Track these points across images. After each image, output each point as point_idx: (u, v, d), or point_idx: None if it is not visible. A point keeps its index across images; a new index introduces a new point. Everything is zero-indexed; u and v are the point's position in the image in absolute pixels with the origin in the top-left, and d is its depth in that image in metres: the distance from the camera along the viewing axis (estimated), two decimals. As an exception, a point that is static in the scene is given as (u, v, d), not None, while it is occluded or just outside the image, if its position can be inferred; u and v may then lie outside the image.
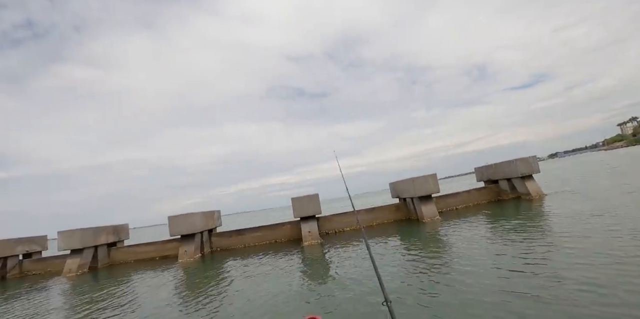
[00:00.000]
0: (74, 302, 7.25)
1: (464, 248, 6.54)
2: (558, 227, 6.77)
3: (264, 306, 4.83)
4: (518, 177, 13.04)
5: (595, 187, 12.03)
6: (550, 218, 8.00)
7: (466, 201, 13.79)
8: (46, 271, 13.52)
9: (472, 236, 7.56)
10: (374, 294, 4.51)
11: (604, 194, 9.91)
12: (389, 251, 7.51)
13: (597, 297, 3.28)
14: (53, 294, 8.60)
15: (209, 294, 6.16)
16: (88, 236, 12.27)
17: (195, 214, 11.62)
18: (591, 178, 15.58)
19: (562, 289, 3.62)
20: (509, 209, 11.09)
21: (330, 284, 5.54)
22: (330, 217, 13.07)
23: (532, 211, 9.76)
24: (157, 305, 5.94)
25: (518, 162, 12.78)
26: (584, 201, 9.23)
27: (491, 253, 5.74)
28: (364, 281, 5.32)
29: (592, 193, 10.48)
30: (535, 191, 12.57)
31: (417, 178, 11.73)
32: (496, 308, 3.46)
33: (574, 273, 4.04)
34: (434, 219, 11.31)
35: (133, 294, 7.18)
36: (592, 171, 19.91)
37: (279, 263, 8.32)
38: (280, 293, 5.44)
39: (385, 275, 5.36)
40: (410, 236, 9.27)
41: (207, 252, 12.44)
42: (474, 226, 8.90)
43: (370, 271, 6.01)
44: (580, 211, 8.00)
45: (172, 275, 8.80)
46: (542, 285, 3.81)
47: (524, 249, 5.56)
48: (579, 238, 5.59)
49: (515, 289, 3.83)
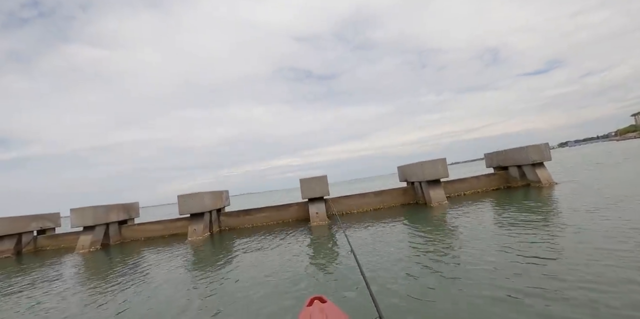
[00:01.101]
0: (89, 276, 7.52)
1: (471, 233, 6.50)
2: (567, 217, 6.58)
3: (270, 284, 4.89)
4: (529, 165, 12.88)
5: (607, 178, 11.84)
6: (560, 207, 7.85)
7: (475, 186, 13.72)
8: (60, 247, 13.92)
9: (480, 221, 7.52)
10: (378, 276, 4.49)
11: (615, 186, 9.72)
12: (395, 235, 7.54)
13: (598, 294, 3.12)
14: (67, 269, 8.87)
15: (218, 271, 6.28)
16: (100, 214, 12.53)
17: (204, 194, 11.75)
18: (602, 169, 15.32)
19: (563, 282, 3.52)
20: (518, 196, 10.99)
21: (336, 264, 5.59)
22: (338, 199, 13.14)
23: (541, 199, 9.64)
24: (167, 280, 6.08)
25: (529, 149, 12.59)
26: (595, 192, 9.05)
27: (497, 240, 5.62)
28: (369, 263, 5.31)
29: (604, 184, 10.27)
30: (545, 179, 12.42)
31: (427, 162, 11.65)
32: (497, 298, 3.45)
33: (575, 265, 3.96)
34: (441, 204, 11.30)
35: (145, 270, 7.36)
36: (604, 162, 19.58)
37: (286, 242, 8.43)
38: (286, 271, 5.50)
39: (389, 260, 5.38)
40: (417, 219, 9.28)
41: (215, 231, 12.65)
42: (481, 211, 8.86)
43: (377, 252, 6.08)
44: (591, 202, 7.81)
45: (181, 252, 8.98)
46: (546, 276, 3.70)
47: (530, 237, 5.43)
48: (587, 229, 5.41)
49: (520, 278, 3.74)
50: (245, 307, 4.06)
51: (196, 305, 4.40)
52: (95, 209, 12.39)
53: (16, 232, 13.77)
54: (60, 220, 16.15)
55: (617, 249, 4.17)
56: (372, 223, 9.52)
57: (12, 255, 13.30)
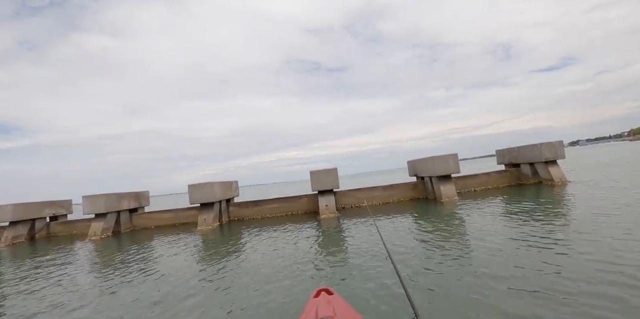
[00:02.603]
0: (102, 263, 7.64)
1: (481, 229, 6.43)
2: (579, 217, 6.42)
3: (279, 275, 4.89)
4: (541, 162, 12.70)
5: (621, 179, 11.59)
6: (573, 206, 7.67)
7: (485, 183, 13.59)
8: (72, 233, 14.17)
9: (491, 217, 7.44)
10: (383, 270, 4.49)
11: (630, 187, 9.50)
12: (406, 230, 7.49)
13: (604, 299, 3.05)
14: (81, 255, 9.04)
15: (227, 260, 6.34)
16: (112, 201, 12.69)
17: (214, 184, 11.81)
18: (616, 169, 15.04)
19: (567, 281, 3.53)
20: (529, 194, 10.84)
21: (344, 256, 5.58)
22: (348, 192, 13.13)
23: (554, 197, 9.47)
24: (178, 267, 6.17)
25: (543, 146, 12.40)
26: (608, 192, 8.86)
27: (507, 238, 5.51)
28: (377, 256, 5.32)
29: (618, 185, 10.06)
30: (558, 177, 12.25)
31: (438, 157, 11.54)
32: (504, 295, 3.43)
33: (583, 267, 3.90)
34: (452, 200, 11.22)
35: (156, 257, 7.47)
36: (618, 162, 19.22)
37: (296, 233, 8.45)
38: (295, 263, 5.50)
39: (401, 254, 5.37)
40: (428, 214, 9.22)
41: (225, 221, 12.75)
42: (492, 208, 8.75)
43: (382, 246, 6.06)
44: (605, 201, 7.69)
45: (191, 241, 9.07)
46: (554, 276, 3.70)
47: (541, 236, 5.32)
48: (599, 230, 5.27)
49: (528, 278, 3.66)
50: (252, 297, 4.09)
51: (205, 293, 4.45)
52: (107, 196, 12.56)
53: (30, 218, 14.02)
54: (72, 207, 16.41)
55: (623, 250, 4.14)
56: (382, 216, 9.49)
57: (25, 240, 13.59)
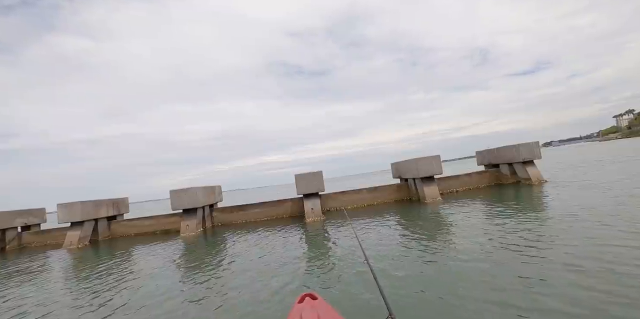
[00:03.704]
0: (78, 274, 7.28)
1: (465, 227, 6.64)
2: (555, 213, 6.74)
3: (263, 281, 4.83)
4: (520, 162, 13.10)
5: (592, 178, 12.10)
6: (549, 204, 8.02)
7: (467, 183, 13.90)
8: (46, 243, 13.53)
9: (473, 216, 7.66)
10: (366, 273, 4.44)
11: (602, 184, 9.90)
12: (389, 232, 7.54)
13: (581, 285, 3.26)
14: (54, 265, 8.63)
15: (210, 267, 6.19)
16: (89, 209, 12.24)
17: (197, 189, 11.58)
18: (587, 168, 15.69)
19: (549, 272, 3.68)
20: (508, 193, 11.19)
21: (329, 260, 5.56)
22: (333, 195, 13.14)
23: (531, 196, 9.83)
24: (159, 276, 5.99)
25: (520, 147, 12.80)
26: (581, 190, 9.24)
27: (489, 235, 5.71)
28: (361, 258, 5.26)
29: (589, 183, 10.49)
30: (535, 176, 12.66)
31: (421, 159, 11.73)
32: (484, 289, 3.50)
33: (561, 257, 4.07)
34: (435, 200, 11.40)
35: (136, 266, 7.22)
36: (589, 162, 20.07)
37: (281, 238, 8.37)
38: (279, 267, 5.45)
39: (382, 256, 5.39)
40: (412, 215, 9.36)
41: (208, 227, 12.50)
42: (474, 208, 8.98)
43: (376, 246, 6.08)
44: (580, 199, 8.03)
45: (174, 248, 8.84)
46: (532, 269, 3.83)
47: (520, 232, 5.54)
48: (574, 225, 5.54)
49: (506, 272, 3.83)
50: (236, 305, 4.00)
51: (186, 302, 4.32)
52: (83, 204, 12.09)
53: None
54: (46, 216, 15.69)
55: (600, 244, 4.34)
56: (368, 218, 9.53)
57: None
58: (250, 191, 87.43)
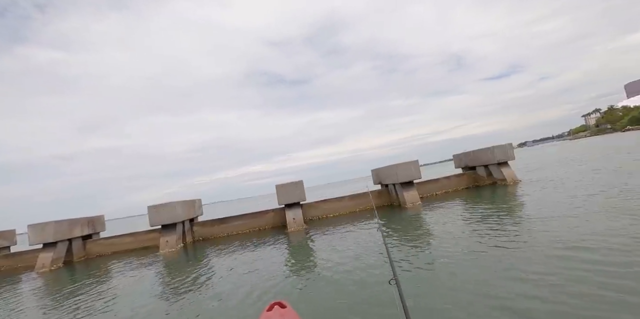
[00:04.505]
0: (51, 299, 6.93)
1: (445, 230, 6.81)
2: (531, 211, 7.08)
3: (241, 291, 4.84)
4: (495, 164, 13.49)
5: (563, 176, 12.59)
6: (524, 202, 8.37)
7: (446, 186, 14.17)
8: (17, 267, 12.87)
9: (450, 219, 7.85)
10: (349, 282, 4.49)
11: (571, 181, 10.38)
12: (373, 237, 7.62)
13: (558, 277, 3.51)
14: (27, 291, 8.19)
15: (192, 284, 6.06)
16: (62, 229, 11.75)
17: (176, 203, 11.33)
18: (559, 167, 16.31)
19: (528, 267, 3.92)
20: (485, 194, 11.49)
21: (307, 269, 5.56)
22: (315, 204, 13.12)
23: (507, 195, 10.15)
24: (138, 297, 5.79)
25: (495, 149, 13.20)
26: (554, 187, 9.64)
27: (468, 235, 6.00)
28: (343, 268, 5.28)
29: (561, 181, 10.94)
30: (510, 176, 13.06)
31: (400, 164, 11.90)
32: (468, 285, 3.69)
33: (534, 255, 4.32)
34: (415, 205, 11.56)
35: (113, 287, 6.97)
36: (560, 160, 20.86)
37: (263, 250, 8.28)
38: (258, 279, 5.40)
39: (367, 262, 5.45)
40: (393, 220, 9.44)
41: (189, 241, 12.22)
42: (452, 210, 9.18)
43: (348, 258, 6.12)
44: (551, 196, 8.40)
45: (153, 266, 8.59)
46: (512, 265, 4.09)
47: (498, 231, 5.84)
48: (549, 221, 5.89)
49: (489, 269, 4.09)
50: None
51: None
52: (56, 224, 11.61)
53: (-35, 253, 12.62)
54: (16, 237, 14.97)
55: (570, 239, 4.55)
56: (350, 226, 9.56)
57: (-40, 278, 12.16)
58: (233, 203, 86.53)
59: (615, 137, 52.19)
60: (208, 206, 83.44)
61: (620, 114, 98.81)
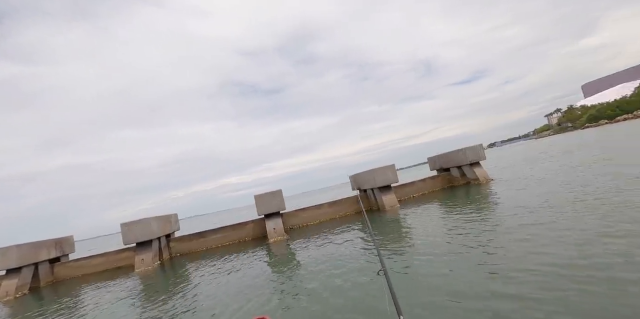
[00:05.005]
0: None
1: (423, 230, 7.06)
2: (502, 208, 7.43)
3: (220, 307, 4.74)
4: (467, 165, 13.92)
5: (530, 174, 13.18)
6: (496, 200, 8.71)
7: (422, 188, 14.46)
8: (-25, 296, 11.92)
9: (427, 220, 8.08)
10: (334, 293, 4.41)
11: (537, 178, 10.86)
12: (354, 242, 7.65)
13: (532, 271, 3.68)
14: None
15: (170, 302, 5.84)
16: (26, 253, 11.02)
17: (150, 219, 10.93)
18: (526, 165, 17.03)
19: (500, 262, 4.11)
20: (460, 194, 11.82)
21: (290, 281, 5.47)
22: (294, 213, 13.01)
23: (480, 194, 10.49)
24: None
25: (467, 150, 13.64)
26: (523, 185, 10.05)
27: (444, 234, 6.26)
28: (327, 277, 5.19)
29: (528, 179, 11.43)
30: (482, 176, 13.50)
31: (377, 169, 12.06)
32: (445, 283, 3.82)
33: (514, 246, 4.57)
34: (394, 208, 11.72)
35: (84, 313, 6.54)
36: (526, 159, 21.82)
37: (244, 263, 8.10)
38: (243, 295, 5.24)
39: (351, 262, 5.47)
40: (373, 224, 9.50)
41: (166, 258, 11.77)
42: (429, 211, 9.43)
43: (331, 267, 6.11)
44: (520, 193, 8.81)
45: (128, 286, 8.19)
46: (485, 261, 4.30)
47: (473, 228, 6.10)
48: (520, 216, 6.20)
49: (464, 265, 4.29)
50: None
51: None
52: (19, 248, 10.89)
53: None
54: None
55: (541, 231, 4.81)
56: (330, 233, 9.54)
57: None
58: (211, 216, 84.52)
59: (575, 134, 55.35)
60: (185, 221, 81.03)
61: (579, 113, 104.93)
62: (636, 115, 63.70)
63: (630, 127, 33.47)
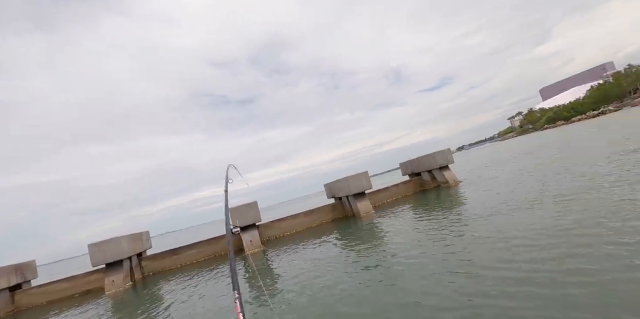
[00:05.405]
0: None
1: (397, 233, 7.29)
2: (470, 208, 7.81)
3: None
4: (437, 168, 14.44)
5: (495, 174, 13.89)
6: (464, 201, 9.16)
7: (395, 194, 14.81)
8: None
9: (402, 223, 8.35)
10: (312, 303, 4.41)
11: (506, 178, 11.50)
12: (330, 249, 7.75)
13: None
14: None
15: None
16: (-18, 282, 10.27)
17: (121, 238, 10.51)
18: (492, 167, 17.88)
19: (471, 262, 4.33)
20: (431, 196, 12.23)
21: (272, 294, 5.38)
22: (271, 224, 12.93)
23: (450, 196, 10.94)
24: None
25: (436, 155, 14.16)
26: (489, 186, 10.57)
27: (419, 234, 6.56)
28: (304, 288, 5.17)
29: (493, 179, 12.06)
30: (452, 179, 14.04)
31: (351, 177, 12.27)
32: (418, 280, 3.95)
33: (480, 247, 4.79)
34: (369, 214, 11.93)
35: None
36: (492, 161, 22.87)
37: (220, 278, 7.96)
38: (221, 312, 5.16)
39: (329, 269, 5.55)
40: (349, 231, 9.66)
41: (138, 278, 11.31)
42: (403, 215, 9.72)
43: (311, 277, 6.16)
44: (486, 194, 9.29)
45: (98, 311, 7.76)
46: (454, 259, 4.56)
47: (445, 229, 6.39)
48: (486, 217, 6.52)
49: (438, 266, 4.44)
50: None
51: None
52: (-26, 277, 10.14)
53: None
54: None
55: (508, 229, 5.10)
56: (306, 242, 9.59)
57: None
58: (184, 232, 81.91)
59: (536, 135, 58.74)
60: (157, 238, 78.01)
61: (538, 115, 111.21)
62: (588, 115, 68.41)
63: (583, 127, 35.96)
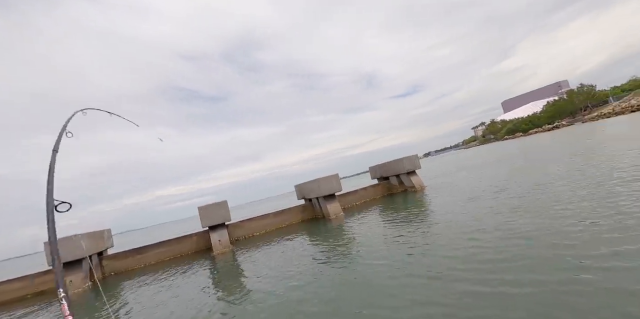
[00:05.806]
0: None
1: (365, 235, 7.57)
2: (435, 213, 8.26)
3: None
4: (405, 173, 15.01)
5: (462, 179, 14.67)
6: (430, 206, 9.63)
7: (364, 197, 15.22)
8: None
9: (370, 225, 8.65)
10: (280, 303, 4.43)
11: (468, 184, 12.23)
12: (300, 249, 7.92)
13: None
14: None
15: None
16: None
17: (80, 236, 10.06)
18: (456, 173, 18.82)
19: (436, 263, 4.69)
20: (398, 200, 12.72)
21: (241, 294, 5.33)
22: (240, 224, 12.87)
23: (416, 200, 11.44)
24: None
25: (404, 160, 14.73)
26: (454, 192, 11.19)
27: (386, 236, 6.85)
28: (274, 290, 5.15)
29: (457, 185, 12.77)
30: (418, 183, 14.66)
31: (321, 179, 12.50)
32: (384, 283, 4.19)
33: (441, 249, 5.17)
34: (338, 216, 12.19)
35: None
36: (457, 167, 24.02)
37: (187, 278, 7.81)
38: (185, 313, 5.07)
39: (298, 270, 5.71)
40: (318, 232, 9.86)
41: (99, 278, 10.86)
42: (371, 217, 10.06)
43: (279, 278, 6.30)
44: (451, 198, 9.91)
45: (55, 314, 7.39)
46: (417, 261, 4.90)
47: (410, 232, 6.72)
48: (448, 221, 6.98)
49: (403, 268, 4.65)
50: None
51: None
52: None
53: None
54: None
55: (468, 232, 5.51)
56: (275, 243, 9.69)
57: None
58: (148, 230, 78.49)
59: (496, 145, 62.28)
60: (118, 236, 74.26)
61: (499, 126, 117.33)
62: (544, 129, 73.31)
63: (539, 139, 38.69)
